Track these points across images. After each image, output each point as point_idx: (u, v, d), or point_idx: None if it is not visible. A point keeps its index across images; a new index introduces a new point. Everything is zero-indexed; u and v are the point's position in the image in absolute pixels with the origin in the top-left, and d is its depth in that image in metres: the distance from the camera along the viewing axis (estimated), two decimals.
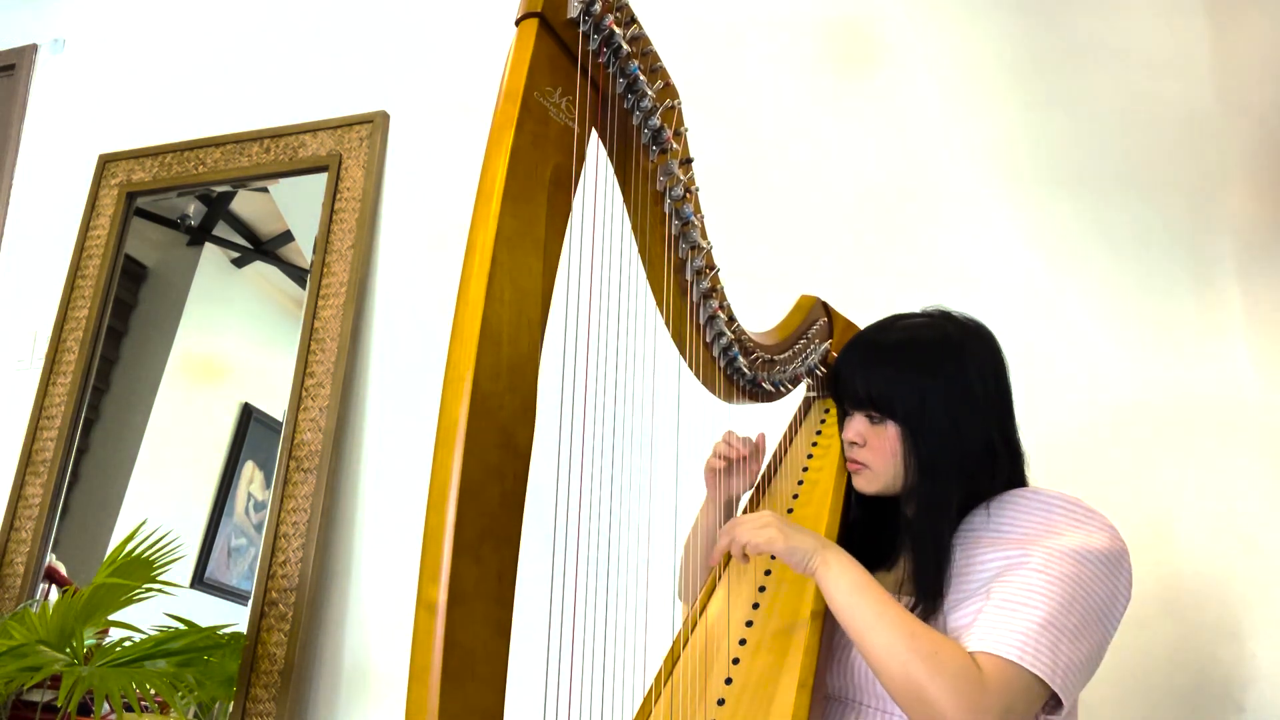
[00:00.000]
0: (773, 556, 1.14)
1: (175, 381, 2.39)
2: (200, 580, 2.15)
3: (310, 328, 2.17)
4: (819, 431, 1.32)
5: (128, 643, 1.85)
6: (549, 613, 0.77)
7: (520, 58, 0.75)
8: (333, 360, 2.13)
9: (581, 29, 0.80)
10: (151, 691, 1.80)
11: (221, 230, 2.48)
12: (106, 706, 1.75)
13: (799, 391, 1.35)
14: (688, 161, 0.98)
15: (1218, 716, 1.46)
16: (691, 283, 1.04)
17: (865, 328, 1.16)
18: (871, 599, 0.94)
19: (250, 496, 2.21)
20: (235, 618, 2.00)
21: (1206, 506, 1.52)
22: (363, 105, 2.35)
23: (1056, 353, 1.65)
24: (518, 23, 0.77)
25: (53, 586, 2.24)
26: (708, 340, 1.09)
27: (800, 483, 1.24)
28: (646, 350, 0.96)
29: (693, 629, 1.09)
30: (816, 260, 1.86)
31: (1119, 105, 1.73)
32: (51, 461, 2.30)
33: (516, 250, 0.70)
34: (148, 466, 2.32)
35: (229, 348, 2.44)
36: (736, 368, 1.15)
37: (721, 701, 0.97)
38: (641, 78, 0.89)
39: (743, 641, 1.04)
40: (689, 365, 1.08)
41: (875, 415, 1.08)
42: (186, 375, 2.40)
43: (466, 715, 0.61)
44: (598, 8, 0.81)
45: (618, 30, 0.84)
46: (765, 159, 1.95)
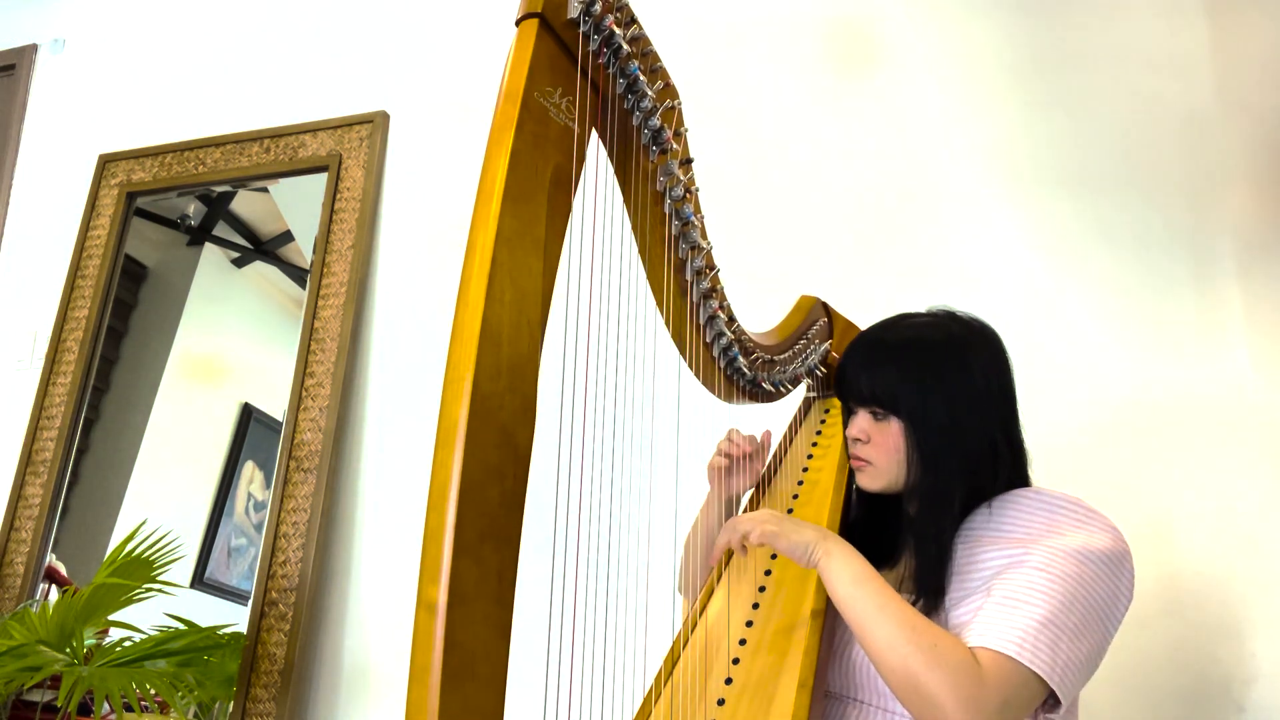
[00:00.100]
0: (774, 556, 1.15)
1: (175, 381, 2.39)
2: (200, 580, 2.15)
3: (310, 328, 2.17)
4: (819, 432, 1.32)
5: (128, 643, 1.85)
6: (549, 613, 0.77)
7: (520, 58, 0.75)
8: (333, 360, 2.13)
9: (582, 29, 0.80)
10: (151, 691, 1.80)
11: (221, 230, 2.48)
12: (106, 706, 1.75)
13: (799, 392, 1.35)
14: (688, 162, 0.98)
15: (1218, 716, 1.46)
16: (691, 283, 1.04)
17: (870, 326, 1.16)
18: (873, 591, 0.94)
19: (250, 496, 2.21)
20: (235, 618, 2.00)
21: (1206, 506, 1.52)
22: (363, 105, 2.35)
23: (1056, 353, 1.65)
24: (518, 23, 0.77)
25: (53, 586, 2.24)
26: (708, 340, 1.10)
27: (800, 483, 1.24)
28: (646, 350, 0.96)
29: (693, 629, 1.09)
30: (816, 260, 1.86)
31: (1119, 105, 1.73)
32: (51, 461, 2.30)
33: (517, 250, 0.70)
34: (148, 466, 2.32)
35: (229, 348, 2.44)
36: (736, 368, 1.15)
37: (721, 701, 0.97)
38: (642, 78, 0.89)
39: (743, 641, 1.04)
40: (689, 365, 1.08)
41: (879, 412, 1.08)
42: (186, 375, 2.40)
43: (466, 715, 0.61)
44: (598, 8, 0.81)
45: (618, 31, 0.84)
46: (765, 159, 1.95)
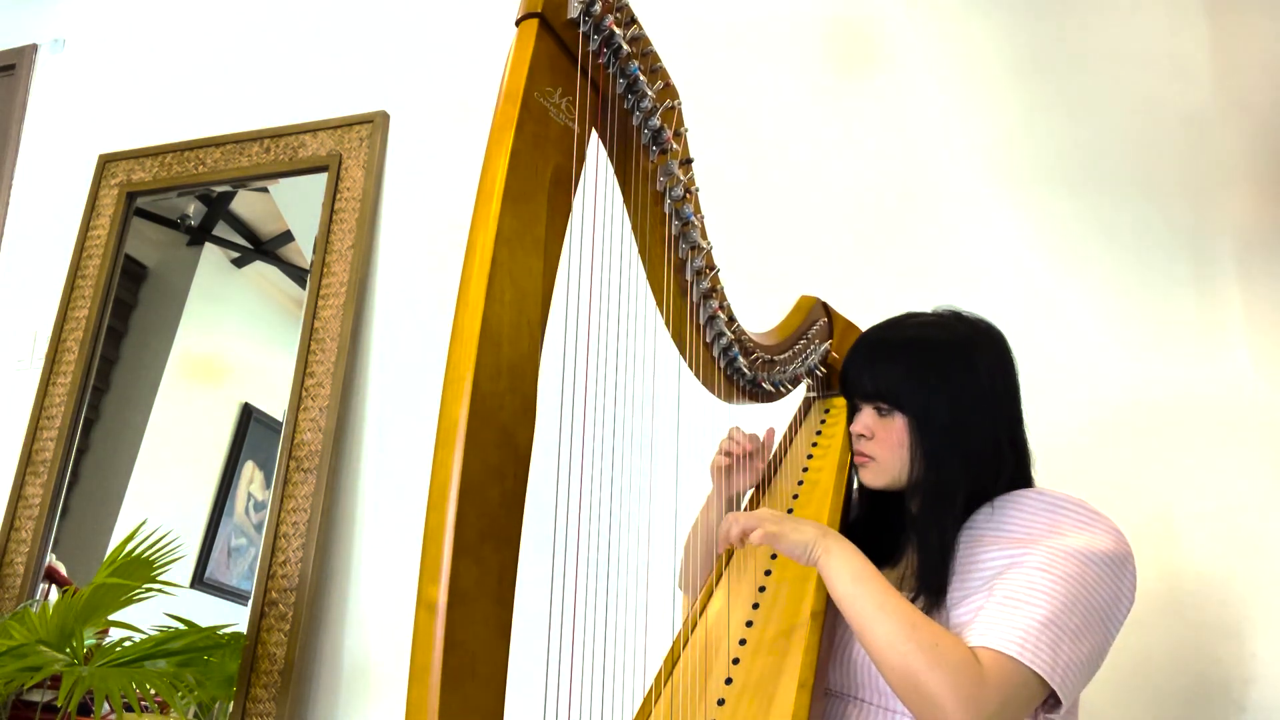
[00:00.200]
0: (773, 556, 1.15)
1: (175, 381, 2.39)
2: (200, 580, 2.15)
3: (310, 328, 2.17)
4: (819, 432, 1.32)
5: (128, 643, 1.85)
6: (549, 613, 0.77)
7: (520, 58, 0.75)
8: (333, 360, 2.13)
9: (582, 29, 0.80)
10: (151, 691, 1.80)
11: (221, 230, 2.48)
12: (106, 706, 1.75)
13: (799, 392, 1.35)
14: (688, 162, 0.98)
15: (1218, 716, 1.46)
16: (691, 283, 1.04)
17: (876, 324, 1.16)
18: (873, 589, 0.94)
19: (250, 496, 2.21)
20: (235, 618, 2.00)
21: (1206, 506, 1.52)
22: (363, 105, 2.35)
23: (1057, 352, 1.65)
24: (518, 23, 0.77)
25: (53, 586, 2.24)
26: (708, 340, 1.10)
27: (800, 483, 1.24)
28: (646, 350, 0.96)
29: (693, 629, 1.09)
30: (817, 260, 1.86)
31: (1119, 105, 1.73)
32: (51, 461, 2.30)
33: (517, 250, 0.70)
34: (148, 466, 2.32)
35: (229, 348, 2.44)
36: (736, 368, 1.15)
37: (721, 701, 0.97)
38: (642, 78, 0.89)
39: (743, 641, 1.04)
40: (689, 365, 1.08)
41: (884, 408, 1.08)
42: (186, 375, 2.40)
43: (466, 715, 0.61)
44: (598, 8, 0.81)
45: (618, 31, 0.84)
46: (765, 159, 1.95)
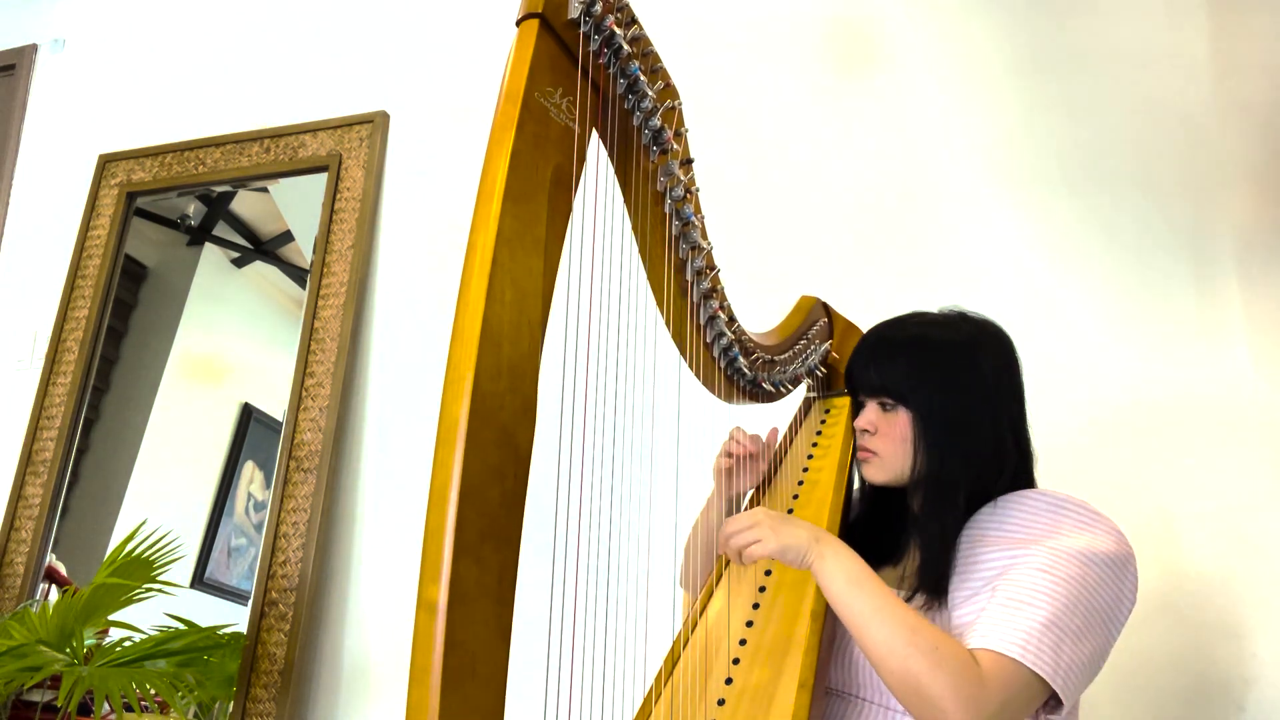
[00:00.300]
0: None
1: (175, 381, 2.39)
2: (200, 580, 2.15)
3: (310, 328, 2.17)
4: (819, 432, 1.32)
5: (128, 643, 1.85)
6: (549, 613, 0.77)
7: (521, 58, 0.75)
8: (333, 360, 2.13)
9: (582, 30, 0.80)
10: (151, 691, 1.80)
11: (221, 230, 2.48)
12: (106, 706, 1.75)
13: (799, 392, 1.35)
14: (688, 162, 0.98)
15: (1218, 716, 1.46)
16: (692, 283, 1.04)
17: (882, 322, 1.16)
18: (869, 592, 0.93)
19: (250, 496, 2.21)
20: (235, 618, 2.00)
21: (1206, 506, 1.52)
22: (363, 105, 2.35)
23: (1057, 352, 1.65)
24: (518, 23, 0.77)
25: (53, 586, 2.24)
26: (708, 341, 1.10)
27: (800, 483, 1.24)
28: (647, 351, 0.96)
29: (693, 629, 1.09)
30: (817, 260, 1.86)
31: (1119, 105, 1.73)
32: (51, 461, 2.30)
33: (517, 251, 0.70)
34: (148, 466, 2.32)
35: (229, 348, 2.44)
36: (737, 368, 1.15)
37: (722, 702, 0.97)
38: (642, 78, 0.89)
39: (743, 642, 1.04)
40: (689, 366, 1.08)
41: (888, 403, 1.09)
42: (186, 375, 2.40)
43: (466, 715, 0.61)
44: (598, 8, 0.81)
45: (618, 31, 0.84)
46: (765, 159, 1.95)
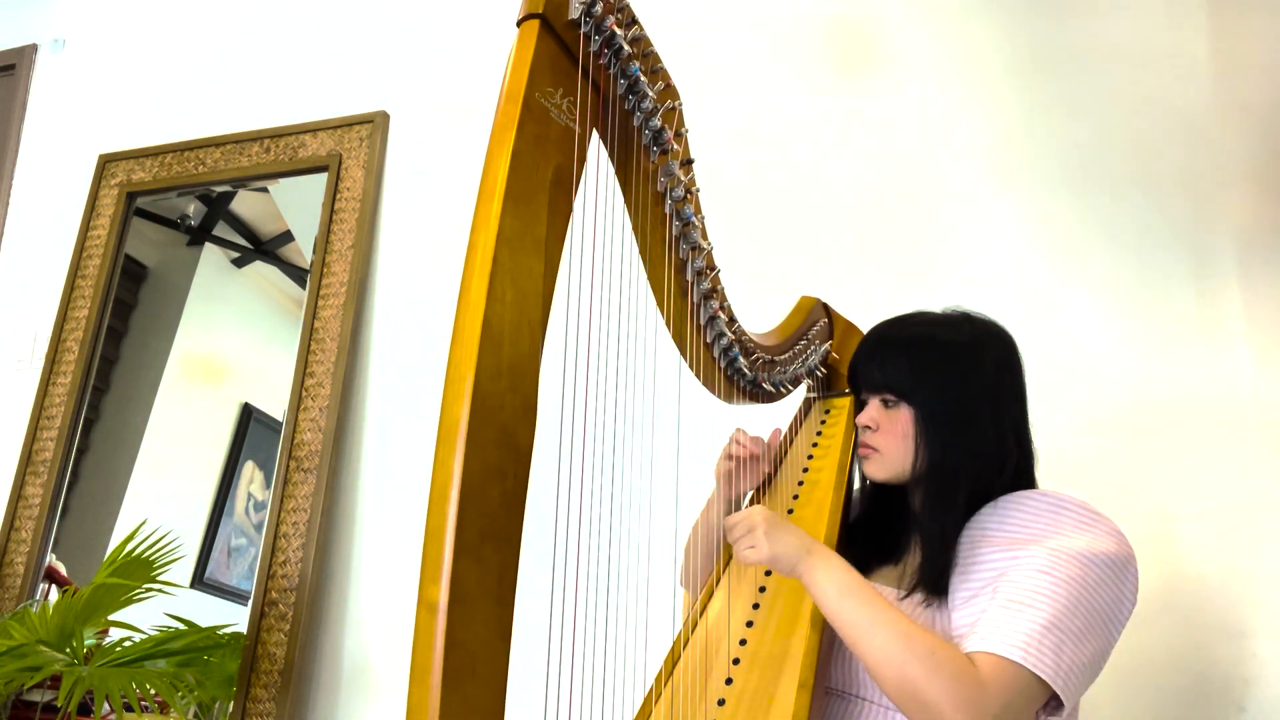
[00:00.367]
0: None
1: (175, 381, 2.39)
2: (200, 580, 2.15)
3: (310, 328, 2.17)
4: (819, 432, 1.32)
5: (128, 643, 1.85)
6: (550, 613, 0.77)
7: (521, 58, 0.75)
8: (333, 360, 2.13)
9: (583, 30, 0.80)
10: (151, 691, 1.80)
11: (221, 230, 2.48)
12: (106, 706, 1.75)
13: (799, 392, 1.35)
14: (688, 162, 0.98)
15: (1218, 716, 1.46)
16: (692, 283, 1.04)
17: (885, 320, 1.16)
18: (863, 601, 0.93)
19: (250, 496, 2.21)
20: (235, 618, 2.00)
21: (1206, 506, 1.52)
22: (363, 105, 2.35)
23: (1057, 352, 1.65)
24: (519, 23, 0.77)
25: (53, 586, 2.24)
26: (708, 341, 1.10)
27: (800, 483, 1.24)
28: (647, 352, 0.96)
29: (693, 629, 1.09)
30: (817, 260, 1.86)
31: (1119, 105, 1.73)
32: (51, 461, 2.30)
33: (517, 251, 0.70)
34: (148, 466, 2.32)
35: (229, 348, 2.44)
36: (737, 368, 1.15)
37: (722, 702, 0.97)
38: (642, 79, 0.89)
39: (743, 642, 1.04)
40: (689, 366, 1.08)
41: (890, 399, 1.09)
42: (186, 375, 2.40)
43: (467, 715, 0.61)
44: (599, 9, 0.81)
45: (619, 31, 0.84)
46: (765, 159, 1.95)
